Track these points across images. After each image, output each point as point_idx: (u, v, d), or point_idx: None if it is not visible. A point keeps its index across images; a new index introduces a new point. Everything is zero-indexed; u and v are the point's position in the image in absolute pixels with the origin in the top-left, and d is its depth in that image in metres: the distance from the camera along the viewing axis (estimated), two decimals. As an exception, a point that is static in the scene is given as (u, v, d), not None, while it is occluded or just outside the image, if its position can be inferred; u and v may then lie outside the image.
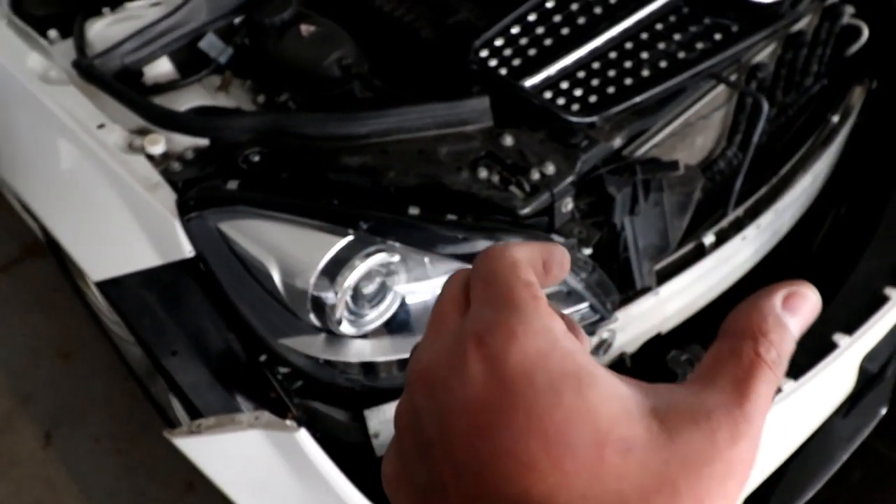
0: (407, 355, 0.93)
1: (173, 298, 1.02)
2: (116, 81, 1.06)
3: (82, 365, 1.91)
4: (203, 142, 1.02)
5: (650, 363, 1.11)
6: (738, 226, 1.21)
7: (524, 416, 0.25)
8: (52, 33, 1.22)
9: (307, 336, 0.93)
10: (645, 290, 1.09)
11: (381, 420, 1.01)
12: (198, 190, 0.93)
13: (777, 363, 0.26)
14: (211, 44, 1.15)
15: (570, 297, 1.00)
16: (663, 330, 1.18)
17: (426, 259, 0.94)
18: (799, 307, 0.27)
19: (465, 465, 0.26)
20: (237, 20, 1.21)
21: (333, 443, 1.00)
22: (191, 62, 1.17)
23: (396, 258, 0.92)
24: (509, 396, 0.26)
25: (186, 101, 1.12)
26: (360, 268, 0.87)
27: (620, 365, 1.14)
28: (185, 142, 1.02)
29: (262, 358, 0.99)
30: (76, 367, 1.91)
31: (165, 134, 1.01)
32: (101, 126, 1.03)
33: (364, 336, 0.94)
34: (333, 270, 0.87)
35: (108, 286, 1.02)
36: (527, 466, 0.25)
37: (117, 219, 0.99)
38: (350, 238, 0.88)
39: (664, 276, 1.13)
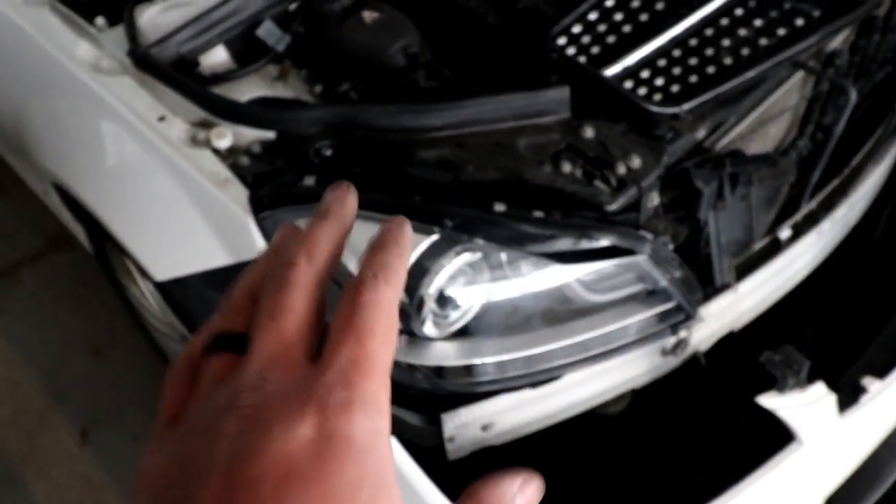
0: (492, 358, 0.90)
1: (240, 298, 0.98)
2: (176, 72, 1.01)
3: (115, 361, 1.88)
4: (269, 135, 0.97)
5: (730, 363, 1.08)
6: (812, 219, 1.17)
7: (318, 494, 0.27)
8: (100, 21, 1.17)
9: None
10: (724, 288, 1.06)
11: (457, 424, 0.97)
12: (272, 186, 0.89)
13: None
14: (269, 31, 1.10)
15: (656, 295, 0.97)
16: (735, 327, 1.15)
17: (504, 257, 0.90)
18: (529, 496, 0.32)
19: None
20: (292, 6, 1.16)
21: (406, 446, 0.97)
22: (246, 51, 1.12)
23: (479, 256, 0.88)
24: (315, 471, 0.27)
25: (246, 91, 1.07)
26: (448, 268, 0.83)
27: (694, 364, 1.11)
28: (250, 135, 0.98)
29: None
30: (109, 363, 1.88)
31: (229, 127, 0.97)
32: (161, 118, 0.99)
33: (446, 338, 0.90)
34: (419, 271, 0.83)
35: (172, 286, 0.99)
36: None
37: (183, 216, 0.95)
38: (435, 237, 0.84)
39: (740, 271, 1.09)
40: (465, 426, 0.98)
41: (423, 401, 0.96)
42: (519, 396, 0.98)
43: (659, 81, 1.00)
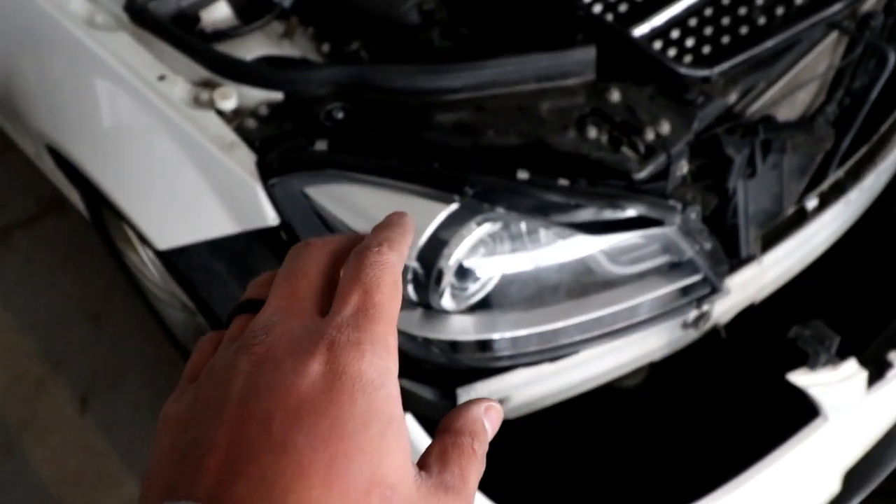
0: (510, 333, 0.86)
1: (246, 269, 0.94)
2: (176, 28, 0.95)
3: (113, 327, 1.84)
4: (276, 96, 0.92)
5: (751, 336, 1.05)
6: (839, 188, 1.13)
7: (327, 427, 0.27)
8: (93, -28, 1.10)
9: (402, 311, 0.85)
10: (749, 259, 1.02)
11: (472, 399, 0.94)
12: (282, 151, 0.84)
13: (483, 454, 0.33)
14: (274, -15, 1.04)
15: (681, 267, 0.93)
16: (756, 299, 1.11)
17: (525, 227, 0.86)
18: (493, 417, 0.34)
19: (245, 441, 0.27)
20: (298, -41, 1.09)
21: (421, 422, 0.94)
22: (250, 6, 1.06)
23: (499, 226, 0.83)
24: (326, 404, 0.28)
25: (249, 49, 1.01)
26: (469, 239, 0.79)
27: (714, 337, 1.08)
28: (256, 96, 0.92)
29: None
30: (107, 329, 1.84)
31: (234, 87, 0.92)
32: (161, 78, 0.93)
33: (464, 311, 0.86)
34: (438, 241, 0.79)
35: (175, 255, 0.94)
36: (302, 470, 0.26)
37: (186, 182, 0.90)
38: (455, 206, 0.80)
39: (765, 242, 1.05)
40: (481, 401, 0.95)
41: (437, 375, 0.93)
42: (535, 371, 0.95)
43: (689, 42, 0.94)
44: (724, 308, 1.07)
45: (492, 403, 0.34)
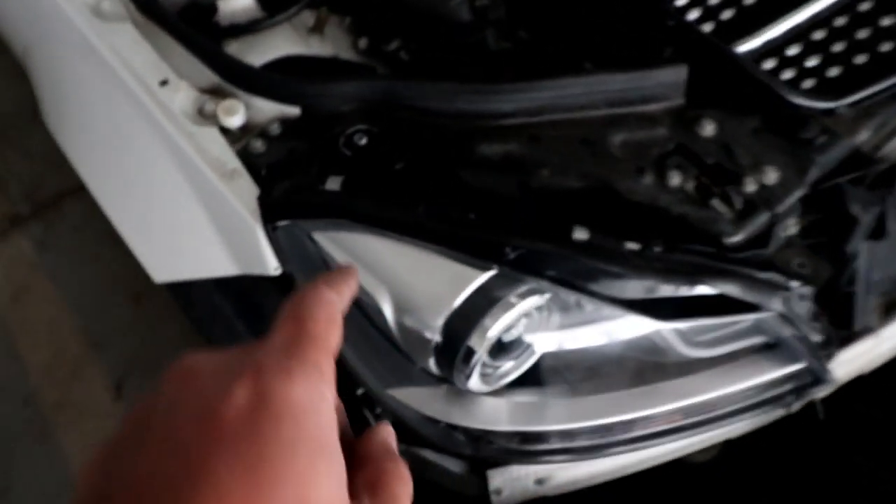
0: (556, 426, 0.70)
1: (252, 309, 0.81)
2: (185, 24, 0.81)
3: (153, 311, 1.78)
4: (292, 110, 0.77)
5: (857, 415, 0.86)
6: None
7: (253, 454, 0.26)
8: (108, -52, 0.96)
9: (422, 388, 0.71)
10: (863, 332, 0.82)
11: (507, 478, 0.80)
12: (288, 190, 0.69)
13: (408, 473, 0.32)
14: (303, -31, 0.88)
15: (776, 349, 0.74)
16: (865, 371, 0.91)
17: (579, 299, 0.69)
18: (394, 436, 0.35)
19: (163, 470, 0.26)
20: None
21: (445, 493, 0.81)
22: (276, -7, 0.91)
23: (547, 297, 0.67)
24: (249, 432, 0.27)
25: (272, 47, 0.86)
26: (507, 316, 0.63)
27: (810, 412, 0.89)
28: (269, 109, 0.78)
29: (360, 391, 0.79)
30: (147, 312, 1.78)
31: (244, 97, 0.77)
32: (164, 83, 0.79)
33: (496, 392, 0.71)
34: (469, 314, 0.64)
35: (174, 288, 0.82)
36: (220, 498, 0.25)
37: (184, 211, 0.77)
38: (492, 273, 0.64)
39: (886, 309, 0.85)
40: (516, 480, 0.81)
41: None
42: (585, 454, 0.79)
43: (811, 62, 0.74)
44: (823, 382, 0.88)
45: (388, 426, 0.35)
